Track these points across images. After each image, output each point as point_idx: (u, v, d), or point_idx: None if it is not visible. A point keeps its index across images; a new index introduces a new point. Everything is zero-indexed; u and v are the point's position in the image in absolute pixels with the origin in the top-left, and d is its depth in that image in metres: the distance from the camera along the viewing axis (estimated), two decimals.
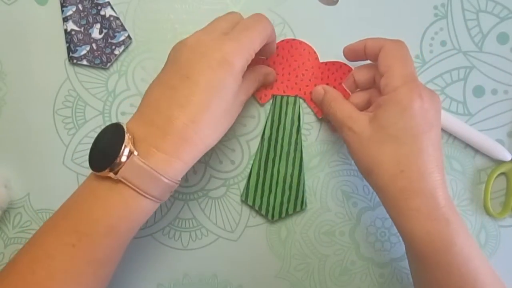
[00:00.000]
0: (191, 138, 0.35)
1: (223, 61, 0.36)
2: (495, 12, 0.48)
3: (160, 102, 0.36)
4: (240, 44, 0.37)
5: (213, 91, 0.36)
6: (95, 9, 0.46)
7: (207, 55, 0.36)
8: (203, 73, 0.36)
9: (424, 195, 0.37)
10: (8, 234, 0.48)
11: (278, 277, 0.49)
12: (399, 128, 0.38)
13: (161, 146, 0.35)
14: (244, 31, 0.38)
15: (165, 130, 0.35)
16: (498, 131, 0.49)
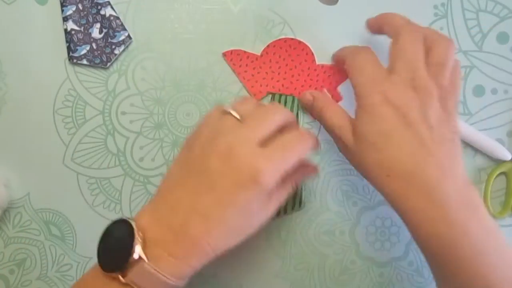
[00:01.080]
0: (204, 247, 0.34)
1: (254, 181, 0.34)
2: (495, 12, 0.48)
3: (180, 205, 0.35)
4: (274, 165, 0.35)
5: (236, 208, 0.34)
6: (95, 8, 0.46)
7: (238, 171, 0.34)
8: (231, 191, 0.34)
9: (421, 196, 0.36)
10: (8, 234, 0.48)
11: (278, 276, 0.49)
12: (374, 134, 0.37)
13: (173, 251, 0.34)
14: (282, 151, 0.36)
15: (180, 235, 0.34)
16: (498, 130, 0.49)
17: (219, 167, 0.34)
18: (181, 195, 0.35)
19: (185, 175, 0.36)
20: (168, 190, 0.37)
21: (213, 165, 0.34)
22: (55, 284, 0.48)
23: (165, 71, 0.47)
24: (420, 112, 0.37)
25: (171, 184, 0.37)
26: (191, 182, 0.35)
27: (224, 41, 0.47)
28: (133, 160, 0.48)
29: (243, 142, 0.35)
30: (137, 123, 0.47)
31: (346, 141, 0.40)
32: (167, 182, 0.37)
